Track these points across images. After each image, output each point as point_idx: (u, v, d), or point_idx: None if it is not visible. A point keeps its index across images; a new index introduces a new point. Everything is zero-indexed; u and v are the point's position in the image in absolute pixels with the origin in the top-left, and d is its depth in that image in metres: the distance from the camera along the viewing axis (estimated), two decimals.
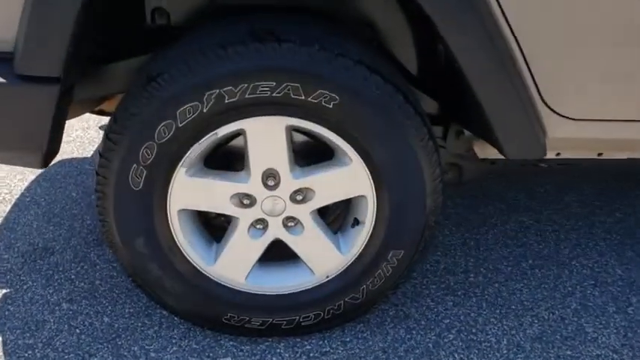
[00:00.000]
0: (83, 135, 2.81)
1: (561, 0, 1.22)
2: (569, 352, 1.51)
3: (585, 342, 1.54)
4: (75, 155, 2.58)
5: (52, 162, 1.61)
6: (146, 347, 1.52)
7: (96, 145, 2.67)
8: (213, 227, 1.55)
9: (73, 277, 1.78)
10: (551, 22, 1.24)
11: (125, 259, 1.42)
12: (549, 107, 1.35)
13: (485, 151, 1.53)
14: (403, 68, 1.55)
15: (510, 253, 1.90)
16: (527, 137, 1.34)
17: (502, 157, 1.43)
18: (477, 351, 1.51)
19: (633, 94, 1.34)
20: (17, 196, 2.22)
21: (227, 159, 1.43)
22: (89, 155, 2.58)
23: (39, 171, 2.37)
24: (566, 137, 1.40)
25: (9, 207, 2.15)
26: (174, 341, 1.54)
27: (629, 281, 1.78)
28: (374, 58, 1.32)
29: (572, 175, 2.38)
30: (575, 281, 1.77)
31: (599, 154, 1.49)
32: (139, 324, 1.60)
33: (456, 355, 1.50)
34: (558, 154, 1.45)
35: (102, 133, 2.21)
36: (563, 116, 1.37)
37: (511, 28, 1.22)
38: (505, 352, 1.51)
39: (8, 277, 1.78)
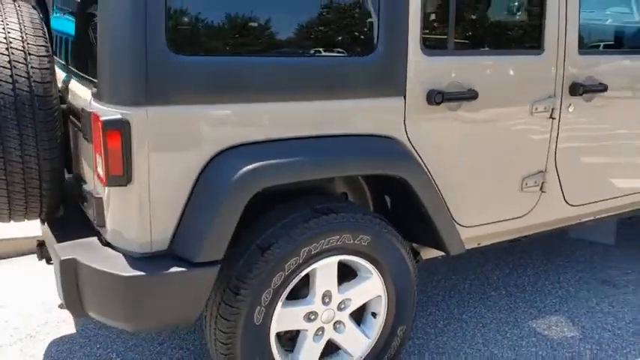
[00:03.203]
0: None
1: (451, 159, 2.27)
2: None
3: None
4: None
5: None
6: None
7: None
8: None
9: None
10: (447, 172, 2.27)
11: None
12: (455, 220, 2.39)
13: (428, 254, 2.50)
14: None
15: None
16: (456, 240, 2.35)
17: (439, 255, 2.42)
18: None
19: (498, 210, 2.48)
20: None
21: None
22: None
23: None
24: (466, 237, 2.45)
25: None
26: None
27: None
28: (374, 213, 2.22)
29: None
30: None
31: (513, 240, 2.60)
32: None
33: None
34: (479, 243, 2.50)
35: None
36: (461, 225, 2.42)
37: (432, 176, 2.22)
38: None
39: None
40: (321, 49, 2.00)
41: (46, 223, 2.19)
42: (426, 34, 2.11)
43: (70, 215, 2.21)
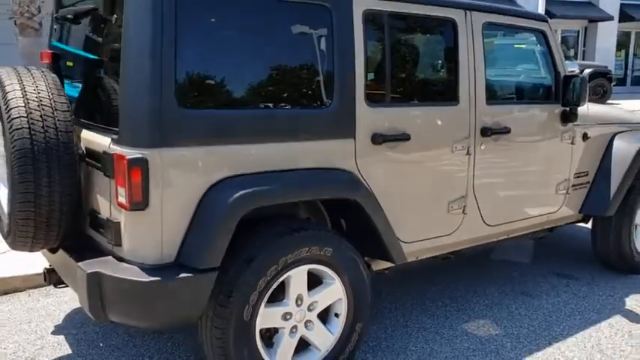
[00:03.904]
0: None
1: (392, 187, 2.87)
2: None
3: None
4: None
5: None
6: None
7: None
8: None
9: None
10: (389, 197, 2.86)
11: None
12: (397, 237, 2.96)
13: (377, 266, 3.05)
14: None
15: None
16: (399, 251, 2.92)
17: (386, 267, 2.98)
18: None
19: (430, 228, 3.08)
20: None
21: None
22: None
23: None
24: (407, 251, 3.02)
25: None
26: None
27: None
28: (334, 231, 2.77)
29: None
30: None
31: (444, 257, 3.19)
32: None
33: None
34: (417, 257, 3.08)
35: None
36: (402, 241, 3.01)
37: (378, 200, 2.80)
38: None
39: None
40: (291, 103, 2.59)
41: (60, 250, 2.61)
42: (369, 91, 2.74)
43: (77, 243, 2.64)
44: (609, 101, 18.43)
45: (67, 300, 3.78)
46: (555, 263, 4.51)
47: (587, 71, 18.42)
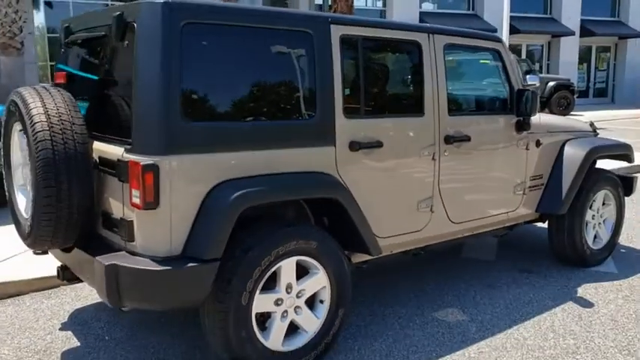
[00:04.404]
0: None
1: (368, 188, 3.28)
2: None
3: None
4: None
5: None
6: None
7: None
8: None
9: None
10: (366, 197, 3.27)
11: (230, 341, 2.77)
12: (373, 232, 3.35)
13: (357, 258, 3.44)
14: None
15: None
16: (375, 245, 3.31)
17: (364, 259, 3.37)
18: None
19: (402, 225, 3.49)
20: None
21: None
22: None
23: None
24: (382, 245, 3.42)
25: None
26: None
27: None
28: (318, 227, 3.16)
29: None
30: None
31: (415, 253, 3.59)
32: None
33: None
34: (392, 251, 3.48)
35: None
36: (378, 236, 3.41)
37: (356, 200, 3.20)
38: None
39: None
40: (280, 116, 2.98)
41: (75, 249, 2.95)
42: (346, 105, 3.15)
43: (90, 242, 2.97)
44: (573, 112, 19.25)
45: (68, 301, 4.08)
46: (517, 259, 4.96)
47: (550, 84, 19.27)
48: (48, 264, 4.03)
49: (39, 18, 16.59)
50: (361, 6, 19.11)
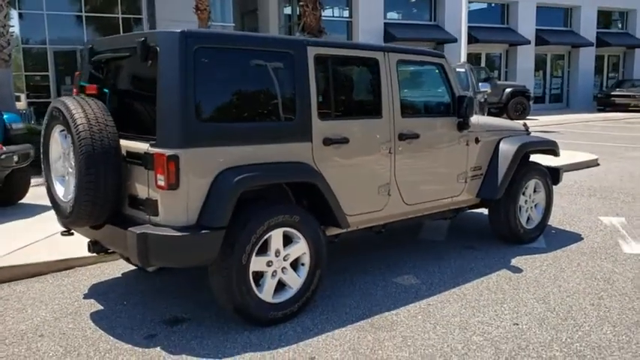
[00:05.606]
0: None
1: (338, 176, 4.14)
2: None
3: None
4: None
5: None
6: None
7: None
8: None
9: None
10: (337, 183, 4.11)
11: (233, 293, 3.58)
12: (343, 210, 4.21)
13: (330, 232, 4.28)
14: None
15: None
16: (345, 220, 4.17)
17: (339, 232, 4.22)
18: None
19: (365, 205, 4.35)
20: None
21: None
22: None
23: None
24: (350, 222, 4.27)
25: None
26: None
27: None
28: (300, 206, 4.00)
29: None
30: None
31: (378, 231, 4.45)
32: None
33: None
34: (358, 227, 4.33)
35: None
36: (347, 214, 4.26)
37: (329, 184, 4.05)
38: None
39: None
40: (271, 118, 3.83)
41: (106, 225, 3.73)
42: (320, 110, 4.00)
43: (118, 219, 3.75)
44: (529, 117, 20.51)
45: (85, 278, 4.82)
46: (463, 239, 5.88)
47: (507, 90, 20.52)
48: (59, 250, 4.76)
49: (14, 29, 17.08)
50: (328, 16, 20.03)
